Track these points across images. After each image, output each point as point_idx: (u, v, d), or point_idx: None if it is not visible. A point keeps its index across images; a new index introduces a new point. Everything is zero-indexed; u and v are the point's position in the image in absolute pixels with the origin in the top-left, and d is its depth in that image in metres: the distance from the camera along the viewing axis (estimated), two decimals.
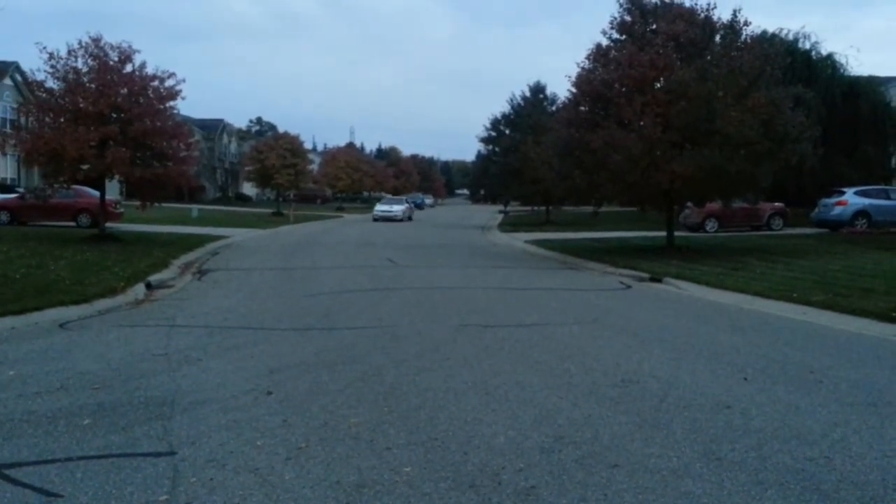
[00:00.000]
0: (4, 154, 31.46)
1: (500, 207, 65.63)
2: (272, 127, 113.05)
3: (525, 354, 8.30)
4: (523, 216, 54.64)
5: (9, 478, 4.60)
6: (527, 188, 41.04)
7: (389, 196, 66.74)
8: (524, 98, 47.32)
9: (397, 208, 51.34)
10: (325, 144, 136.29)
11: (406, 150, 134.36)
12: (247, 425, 5.67)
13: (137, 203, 24.34)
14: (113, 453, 5.05)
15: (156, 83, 21.74)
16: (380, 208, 52.02)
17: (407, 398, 6.44)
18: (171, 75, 21.96)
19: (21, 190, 32.78)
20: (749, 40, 20.62)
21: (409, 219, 51.96)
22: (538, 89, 47.50)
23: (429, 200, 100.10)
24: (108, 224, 23.54)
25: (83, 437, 5.38)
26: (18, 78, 42.33)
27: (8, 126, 33.87)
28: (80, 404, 6.18)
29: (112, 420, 5.77)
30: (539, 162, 34.12)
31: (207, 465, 4.85)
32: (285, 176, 52.68)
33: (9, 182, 40.39)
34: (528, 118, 43.49)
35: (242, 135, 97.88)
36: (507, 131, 47.02)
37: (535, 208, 51.49)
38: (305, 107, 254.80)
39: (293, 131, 63.63)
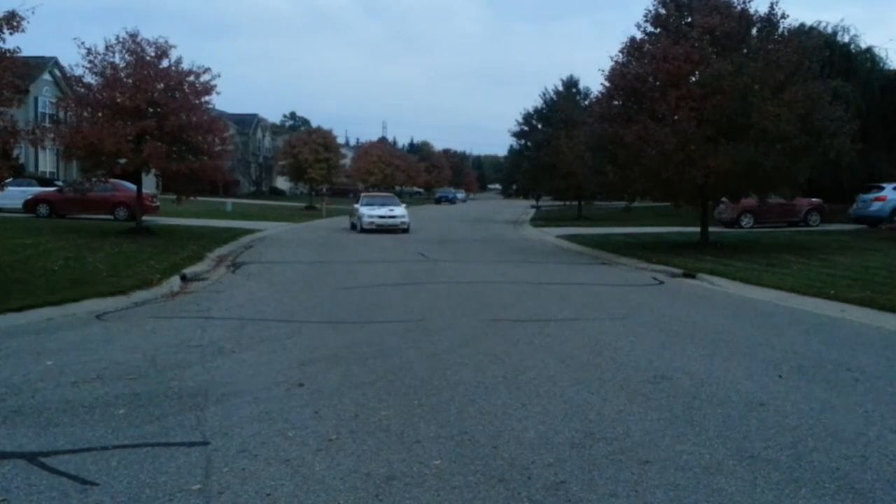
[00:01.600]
0: (44, 148, 32.02)
1: (532, 202, 65.36)
2: (305, 122, 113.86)
3: (556, 349, 8.27)
4: (555, 211, 54.42)
5: (45, 466, 4.69)
6: (559, 183, 40.80)
7: (376, 193, 41.55)
8: (557, 92, 46.97)
9: (400, 212, 30.63)
10: (357, 139, 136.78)
11: (438, 145, 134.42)
12: (278, 416, 5.73)
13: (173, 197, 24.65)
14: (147, 442, 5.13)
15: (191, 78, 22.00)
16: (372, 212, 30.09)
17: (437, 392, 6.45)
18: (206, 70, 22.22)
19: (60, 183, 33.36)
20: (786, 33, 20.31)
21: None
22: (571, 83, 47.13)
23: (461, 195, 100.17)
24: (144, 217, 23.89)
25: (118, 426, 5.47)
26: (57, 73, 43.11)
27: (47, 121, 34.47)
28: (116, 394, 6.29)
29: (147, 410, 5.86)
30: (571, 157, 33.89)
31: (239, 455, 4.91)
32: (318, 170, 53.00)
33: (48, 176, 41.13)
34: (560, 112, 43.19)
35: (276, 129, 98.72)
36: (540, 126, 46.71)
37: (567, 203, 51.14)
38: (338, 102, 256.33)
39: (326, 126, 63.95)
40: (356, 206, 31.96)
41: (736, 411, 5.95)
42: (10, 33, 13.45)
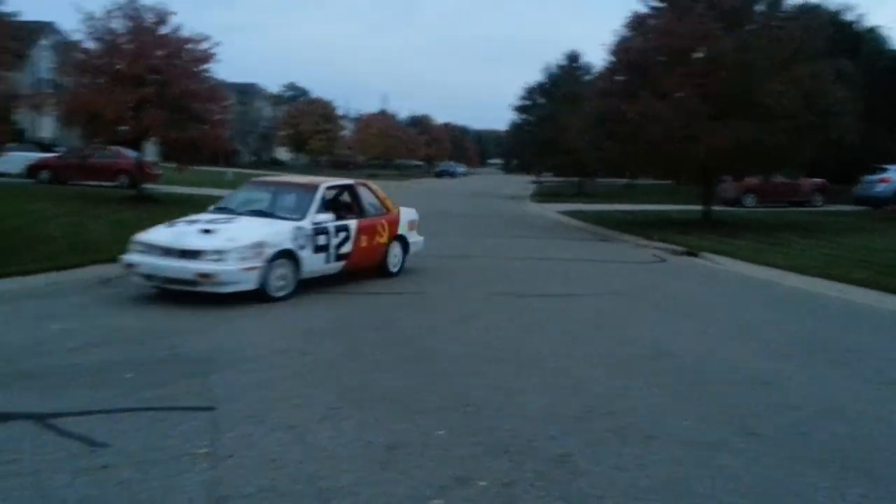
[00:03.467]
0: (44, 114, 31.77)
1: (533, 178, 65.10)
2: (305, 92, 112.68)
3: (558, 324, 8.29)
4: (556, 187, 54.23)
5: (54, 427, 4.71)
6: (560, 159, 40.58)
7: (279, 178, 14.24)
8: (559, 67, 46.60)
9: (228, 242, 8.85)
10: (358, 111, 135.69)
11: (439, 119, 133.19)
12: (282, 384, 5.75)
13: (174, 165, 24.53)
14: (154, 406, 5.15)
15: (190, 46, 21.71)
16: (150, 238, 9.33)
17: (440, 364, 6.48)
18: (206, 38, 21.96)
19: (62, 150, 33.16)
20: (792, 10, 20.14)
21: None
22: (573, 58, 46.75)
23: (461, 169, 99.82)
24: (145, 185, 23.77)
25: (126, 390, 5.49)
26: (57, 39, 42.68)
27: (46, 87, 34.18)
28: (122, 359, 6.30)
29: (153, 375, 5.88)
30: (573, 132, 33.73)
31: (245, 420, 4.93)
32: (318, 141, 52.83)
33: (47, 142, 40.85)
34: (562, 87, 42.88)
35: (276, 100, 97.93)
36: (542, 100, 46.44)
37: (569, 179, 50.94)
38: (338, 73, 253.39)
39: (326, 97, 63.47)
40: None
41: (739, 389, 5.98)
42: None
